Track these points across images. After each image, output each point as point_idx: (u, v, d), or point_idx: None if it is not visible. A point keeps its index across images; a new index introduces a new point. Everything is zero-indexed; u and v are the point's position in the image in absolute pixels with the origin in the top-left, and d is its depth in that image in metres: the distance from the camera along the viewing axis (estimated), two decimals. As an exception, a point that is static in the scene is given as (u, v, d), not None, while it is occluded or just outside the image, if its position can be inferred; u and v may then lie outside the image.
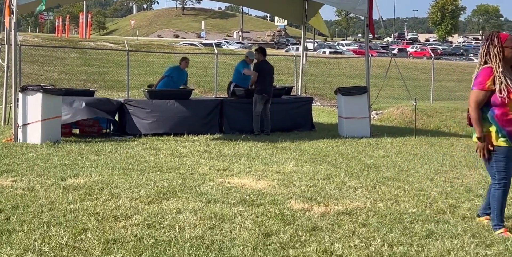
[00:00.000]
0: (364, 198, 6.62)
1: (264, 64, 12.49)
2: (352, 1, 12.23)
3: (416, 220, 5.74)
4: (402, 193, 6.91)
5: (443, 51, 68.98)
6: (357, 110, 12.44)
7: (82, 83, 24.77)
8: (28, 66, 25.34)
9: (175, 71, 13.07)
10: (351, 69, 33.34)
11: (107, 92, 22.78)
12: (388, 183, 7.49)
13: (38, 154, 9.12)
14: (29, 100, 10.28)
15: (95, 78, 26.38)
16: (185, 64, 13.25)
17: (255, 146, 10.61)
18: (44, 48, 28.54)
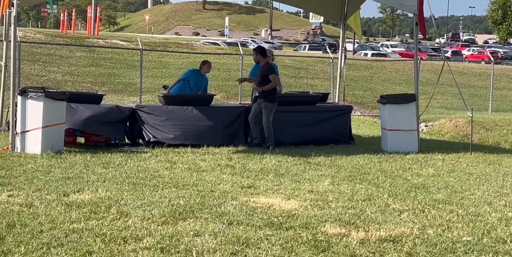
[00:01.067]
0: (410, 223, 6.57)
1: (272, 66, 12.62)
2: (399, -4, 12.21)
3: (472, 250, 5.67)
4: (455, 218, 6.84)
5: (505, 55, 68.30)
6: (403, 121, 12.37)
7: (89, 86, 25.03)
8: (29, 66, 25.69)
9: (193, 75, 13.14)
10: (397, 74, 33.20)
11: (117, 96, 22.99)
12: (438, 206, 7.42)
13: (38, 165, 9.21)
14: (29, 104, 10.41)
15: (103, 80, 26.63)
16: (207, 69, 13.26)
17: (285, 160, 10.59)
18: (46, 45, 28.92)
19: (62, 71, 27.11)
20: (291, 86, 26.04)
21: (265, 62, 12.38)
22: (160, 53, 30.37)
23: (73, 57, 29.92)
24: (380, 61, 35.86)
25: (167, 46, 39.18)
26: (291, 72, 31.30)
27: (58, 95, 10.65)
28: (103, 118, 11.66)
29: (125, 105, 13.09)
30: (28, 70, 25.08)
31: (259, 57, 12.43)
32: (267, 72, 12.20)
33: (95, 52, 31.25)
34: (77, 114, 11.44)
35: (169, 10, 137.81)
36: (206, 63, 13.32)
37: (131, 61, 28.40)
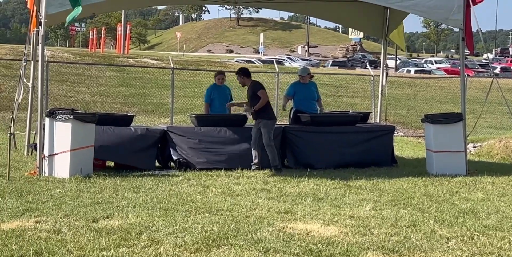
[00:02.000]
0: (459, 251, 6.49)
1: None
2: (444, 10, 12.16)
3: (525, 279, 5.58)
4: (506, 246, 6.75)
5: (558, 71, 67.42)
6: (449, 142, 12.27)
7: (118, 107, 25.26)
8: (56, 87, 26.05)
9: (214, 92, 13.25)
10: (442, 92, 32.97)
11: (148, 117, 23.17)
12: (489, 233, 7.32)
13: (66, 190, 9.31)
14: (57, 126, 10.56)
15: (134, 100, 26.88)
16: (220, 81, 13.37)
17: (323, 184, 10.56)
18: (75, 65, 29.32)
19: (91, 91, 27.43)
20: (329, 106, 25.99)
21: (250, 82, 12.24)
22: (192, 72, 30.57)
23: (102, 77, 30.25)
24: (424, 79, 35.69)
25: (199, 64, 39.46)
26: (329, 90, 31.28)
27: (87, 117, 10.78)
28: (133, 145, 11.77)
29: (156, 127, 13.20)
30: (56, 91, 25.44)
31: (244, 79, 12.21)
32: (254, 90, 12.09)
33: (125, 72, 31.59)
34: (105, 141, 11.53)
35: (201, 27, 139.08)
36: (219, 74, 13.48)
37: (162, 81, 28.66)
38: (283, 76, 24.60)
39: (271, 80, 25.42)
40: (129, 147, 11.76)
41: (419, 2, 12.05)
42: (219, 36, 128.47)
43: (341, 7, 15.03)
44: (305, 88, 13.68)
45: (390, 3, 12.42)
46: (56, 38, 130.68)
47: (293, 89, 13.63)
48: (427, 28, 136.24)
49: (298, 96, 13.57)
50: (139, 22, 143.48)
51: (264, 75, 28.06)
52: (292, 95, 13.63)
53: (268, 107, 12.18)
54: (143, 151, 11.91)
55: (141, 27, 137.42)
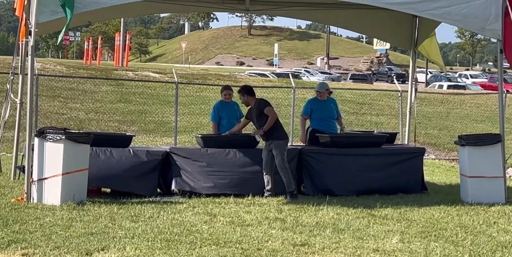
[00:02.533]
0: (496, 290, 6.45)
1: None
2: (480, 19, 12.15)
3: None
4: (551, 284, 6.69)
5: None
6: (486, 166, 12.21)
7: (116, 126, 25.31)
8: (47, 103, 26.15)
9: (222, 110, 13.30)
10: (478, 109, 32.90)
11: (149, 137, 23.23)
12: (530, 269, 7.28)
13: (57, 218, 9.32)
14: (47, 147, 10.58)
15: (133, 118, 26.94)
16: (227, 97, 13.43)
17: (345, 212, 10.53)
18: (68, 79, 29.38)
19: (85, 108, 27.51)
20: (352, 125, 25.99)
21: (254, 101, 12.24)
22: (198, 86, 30.67)
23: (98, 92, 30.36)
24: (458, 95, 35.62)
25: (206, 78, 39.59)
26: (352, 108, 31.27)
27: (81, 138, 10.80)
28: (131, 169, 11.79)
29: (157, 148, 13.22)
30: (47, 108, 25.53)
31: (248, 99, 12.24)
32: (261, 108, 12.08)
33: (123, 86, 31.69)
34: (101, 164, 11.57)
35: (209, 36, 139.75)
36: (225, 89, 13.51)
37: (165, 96, 28.72)
38: (299, 91, 24.61)
39: (286, 96, 25.51)
40: (127, 171, 11.76)
41: (452, 10, 12.04)
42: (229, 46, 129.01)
43: (365, 15, 15.03)
44: (324, 105, 13.66)
45: (420, 11, 12.42)
46: (48, 49, 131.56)
47: (310, 107, 13.61)
48: (462, 38, 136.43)
49: (316, 115, 13.56)
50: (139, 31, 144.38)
51: (279, 90, 28.15)
52: (309, 114, 13.60)
53: (279, 125, 12.20)
54: (143, 175, 11.91)
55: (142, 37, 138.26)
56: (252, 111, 12.18)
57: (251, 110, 12.23)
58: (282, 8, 14.88)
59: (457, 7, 12.01)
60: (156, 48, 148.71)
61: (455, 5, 11.98)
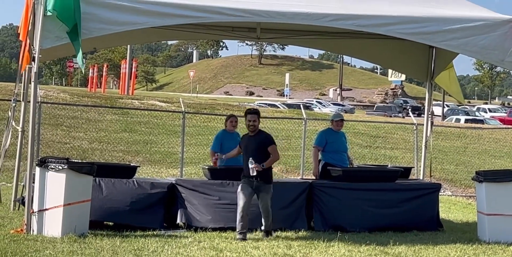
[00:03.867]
0: None
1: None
2: (499, 50, 12.17)
3: None
4: None
5: None
6: (505, 204, 12.17)
7: (120, 156, 25.36)
8: (50, 131, 26.24)
9: (224, 140, 13.39)
10: (496, 145, 32.84)
11: (154, 168, 23.24)
12: None
13: (58, 251, 9.32)
14: (49, 177, 10.60)
15: (138, 149, 26.98)
16: (233, 124, 13.54)
17: (356, 249, 10.50)
18: (71, 107, 29.48)
19: (89, 137, 27.58)
20: (365, 158, 25.96)
21: (258, 131, 11.62)
22: (206, 116, 30.73)
23: (102, 121, 30.44)
24: (476, 129, 35.58)
25: (214, 108, 39.67)
26: (365, 141, 31.26)
27: (84, 168, 10.83)
28: (135, 201, 11.81)
29: (162, 180, 13.23)
30: (49, 136, 25.61)
31: (258, 125, 11.64)
32: (266, 143, 11.48)
33: (129, 115, 31.78)
34: (103, 197, 11.59)
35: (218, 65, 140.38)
36: (230, 118, 13.65)
37: (171, 126, 28.80)
38: (311, 123, 24.63)
39: (297, 127, 25.54)
40: (131, 204, 11.78)
41: (470, 41, 12.07)
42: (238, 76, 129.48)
43: (379, 45, 15.10)
44: (337, 137, 13.68)
45: (436, 42, 12.45)
46: (51, 76, 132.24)
47: (324, 139, 13.59)
48: (480, 71, 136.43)
49: (330, 148, 13.54)
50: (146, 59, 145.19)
51: (289, 121, 28.18)
52: (323, 146, 13.59)
53: (271, 168, 11.78)
54: (148, 208, 11.91)
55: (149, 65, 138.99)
56: (251, 141, 11.49)
57: (249, 139, 11.54)
58: (293, 36, 14.94)
59: (475, 38, 12.03)
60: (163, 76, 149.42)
61: (473, 36, 12.00)
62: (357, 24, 11.94)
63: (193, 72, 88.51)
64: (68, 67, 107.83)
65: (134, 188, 11.97)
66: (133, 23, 11.34)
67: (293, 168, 24.30)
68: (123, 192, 11.85)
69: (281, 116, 34.60)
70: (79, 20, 10.63)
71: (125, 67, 56.79)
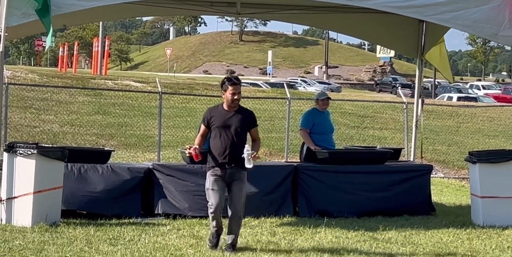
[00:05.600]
0: None
1: None
2: (492, 24, 12.19)
3: None
4: None
5: None
6: (500, 186, 12.25)
7: (93, 139, 25.30)
8: (18, 114, 26.14)
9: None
10: (491, 123, 32.98)
11: (129, 152, 23.19)
12: (547, 298, 7.29)
13: (28, 241, 9.31)
14: (17, 163, 10.58)
15: (112, 132, 26.92)
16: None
17: (344, 236, 10.54)
18: (41, 88, 29.40)
19: (60, 120, 27.49)
20: (352, 139, 25.99)
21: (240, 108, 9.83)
22: (184, 97, 30.65)
23: (74, 103, 30.35)
24: (469, 107, 35.73)
25: (193, 88, 39.60)
26: (353, 121, 31.30)
27: (54, 153, 10.81)
28: (111, 188, 11.79)
29: (139, 165, 13.22)
30: (17, 120, 25.51)
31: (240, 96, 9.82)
32: (252, 124, 9.83)
33: (102, 97, 31.69)
34: (75, 184, 11.55)
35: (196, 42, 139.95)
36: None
37: (147, 108, 28.74)
38: (295, 102, 24.65)
39: (280, 107, 25.54)
40: (106, 191, 11.75)
41: (461, 14, 12.09)
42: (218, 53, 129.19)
43: (367, 20, 15.09)
44: (324, 118, 13.69)
45: (427, 16, 12.47)
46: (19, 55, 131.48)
47: (311, 120, 13.56)
48: (473, 46, 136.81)
49: (317, 129, 13.53)
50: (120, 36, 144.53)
51: (273, 101, 28.17)
52: (311, 128, 13.55)
53: None
54: (124, 195, 11.89)
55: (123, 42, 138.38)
56: (231, 119, 9.55)
57: (227, 116, 9.59)
58: (276, 11, 14.89)
59: (466, 12, 12.04)
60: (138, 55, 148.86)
61: (464, 9, 12.02)
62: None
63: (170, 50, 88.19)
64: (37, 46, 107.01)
65: (109, 173, 11.94)
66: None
67: (277, 150, 24.32)
68: (97, 179, 11.81)
69: (264, 96, 34.57)
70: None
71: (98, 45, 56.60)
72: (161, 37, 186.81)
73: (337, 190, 12.74)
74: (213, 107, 9.85)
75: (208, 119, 9.60)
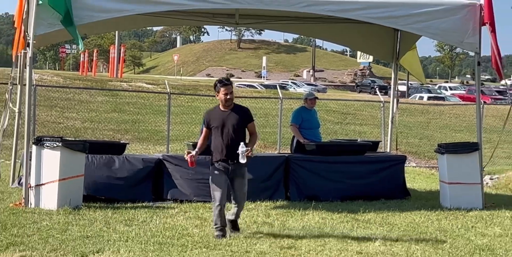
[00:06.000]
0: (474, 290, 6.46)
1: None
2: (459, 33, 12.21)
3: None
4: (526, 285, 6.72)
5: None
6: (465, 173, 12.25)
7: (111, 134, 25.32)
8: (45, 112, 26.12)
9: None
10: (457, 120, 33.02)
11: (142, 145, 23.20)
12: (507, 271, 7.30)
13: (54, 222, 9.31)
14: (44, 155, 10.58)
15: (127, 127, 26.94)
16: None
17: (329, 217, 10.55)
18: (64, 89, 29.39)
19: (81, 117, 27.51)
20: (336, 134, 26.02)
21: (234, 106, 9.21)
22: (190, 97, 30.67)
23: (93, 102, 30.36)
24: (438, 106, 35.75)
25: (197, 89, 39.60)
26: (336, 117, 31.34)
27: (77, 145, 10.80)
28: (126, 177, 11.80)
29: (150, 156, 13.21)
30: (44, 117, 25.50)
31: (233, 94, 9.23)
32: (249, 119, 9.19)
33: (118, 97, 31.71)
34: (94, 172, 11.55)
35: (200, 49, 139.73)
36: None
37: (157, 106, 28.75)
38: (286, 102, 24.64)
39: (274, 106, 25.55)
40: (122, 179, 11.75)
41: (432, 24, 12.10)
42: (219, 59, 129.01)
43: (348, 29, 15.08)
44: (311, 115, 13.70)
45: (401, 25, 12.48)
46: (45, 61, 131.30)
47: (300, 116, 13.57)
48: (441, 52, 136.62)
49: (306, 125, 13.54)
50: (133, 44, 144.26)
51: (267, 101, 28.21)
52: (300, 124, 13.56)
53: None
54: (138, 182, 11.88)
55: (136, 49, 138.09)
56: (228, 117, 8.99)
57: (223, 115, 9.04)
58: (269, 22, 14.90)
59: (436, 21, 12.07)
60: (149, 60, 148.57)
61: (434, 20, 12.04)
62: (327, 10, 11.96)
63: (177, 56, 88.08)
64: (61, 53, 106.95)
65: (124, 163, 11.93)
66: (120, 11, 11.35)
67: (270, 143, 24.36)
68: (114, 168, 11.81)
69: (259, 96, 34.57)
70: (71, 7, 10.59)
71: (114, 52, 56.49)
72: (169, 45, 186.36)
73: (324, 177, 12.73)
74: (210, 109, 9.33)
75: (207, 121, 9.09)
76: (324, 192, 12.58)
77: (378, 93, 24.31)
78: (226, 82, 9.08)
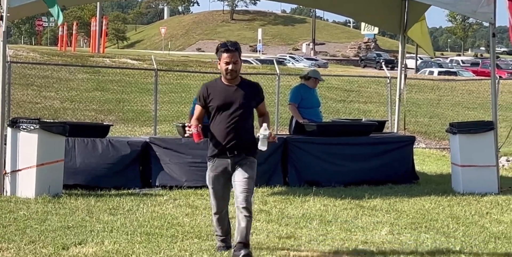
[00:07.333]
0: (489, 282, 6.49)
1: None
2: (471, 2, 12.19)
3: None
4: (545, 276, 6.75)
5: None
6: (479, 155, 12.28)
7: (93, 115, 25.28)
8: (20, 91, 26.07)
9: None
10: (470, 96, 33.02)
11: (127, 127, 23.18)
12: (524, 261, 7.34)
13: (32, 212, 9.31)
14: (21, 138, 10.56)
15: (110, 107, 26.89)
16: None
17: (332, 204, 10.57)
18: (42, 66, 29.31)
19: (60, 97, 27.45)
20: (339, 113, 26.02)
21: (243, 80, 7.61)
22: (178, 74, 30.57)
23: (74, 80, 30.28)
24: (449, 81, 35.73)
25: (187, 65, 39.50)
26: (339, 95, 31.32)
27: (56, 128, 10.78)
28: (110, 161, 11.77)
29: (136, 139, 13.20)
30: (20, 96, 25.45)
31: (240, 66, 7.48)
32: (259, 96, 7.69)
33: (100, 74, 31.61)
34: (75, 158, 11.54)
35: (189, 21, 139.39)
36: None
37: (143, 84, 28.67)
38: (284, 78, 24.59)
39: (270, 83, 25.46)
40: (106, 164, 11.74)
41: (442, -8, 12.07)
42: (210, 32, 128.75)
43: (352, -2, 15.05)
44: (311, 93, 13.67)
45: (409, -6, 12.45)
46: (20, 35, 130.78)
47: (299, 95, 13.52)
48: (453, 22, 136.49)
49: (305, 104, 13.49)
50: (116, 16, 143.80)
51: (263, 77, 28.09)
52: (299, 103, 13.50)
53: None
54: (123, 168, 11.88)
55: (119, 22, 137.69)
56: (234, 94, 7.36)
57: (229, 90, 7.37)
58: (265, -9, 14.83)
59: (447, -11, 12.03)
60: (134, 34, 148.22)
61: (445, -13, 12.01)
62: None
63: (164, 29, 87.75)
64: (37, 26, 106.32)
65: (108, 147, 11.92)
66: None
67: (267, 123, 24.31)
68: (97, 152, 11.79)
69: (255, 72, 34.47)
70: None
71: (95, 25, 56.36)
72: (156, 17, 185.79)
73: (325, 160, 12.74)
74: (210, 82, 7.56)
75: (204, 98, 7.37)
76: (325, 176, 12.60)
77: (384, 68, 24.27)
78: (230, 47, 7.25)
